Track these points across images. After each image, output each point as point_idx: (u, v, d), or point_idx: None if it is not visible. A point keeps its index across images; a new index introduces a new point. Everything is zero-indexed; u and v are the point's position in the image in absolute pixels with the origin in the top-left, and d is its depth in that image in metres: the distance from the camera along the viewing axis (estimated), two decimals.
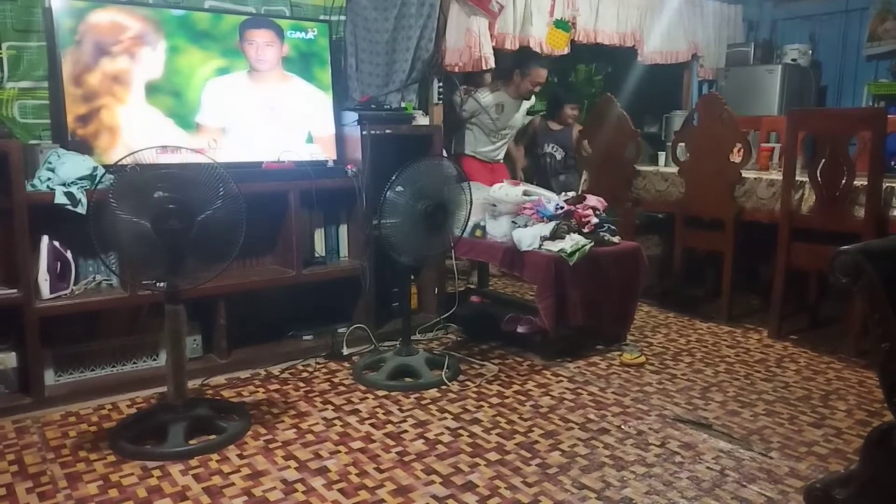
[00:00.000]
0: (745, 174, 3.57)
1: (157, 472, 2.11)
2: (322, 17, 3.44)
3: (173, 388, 2.32)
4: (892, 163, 3.41)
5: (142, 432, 2.30)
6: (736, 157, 3.60)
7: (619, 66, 5.86)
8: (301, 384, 2.84)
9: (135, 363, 2.84)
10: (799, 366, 3.05)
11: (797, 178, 3.29)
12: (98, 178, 2.53)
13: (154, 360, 2.86)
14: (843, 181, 3.08)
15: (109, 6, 2.79)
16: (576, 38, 4.77)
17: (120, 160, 2.15)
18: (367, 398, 2.70)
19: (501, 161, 4.69)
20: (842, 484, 1.83)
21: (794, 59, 5.55)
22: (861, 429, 2.35)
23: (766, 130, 4.34)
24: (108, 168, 2.56)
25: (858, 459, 1.74)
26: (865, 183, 3.02)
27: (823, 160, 3.15)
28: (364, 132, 3.23)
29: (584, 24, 4.79)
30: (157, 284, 2.32)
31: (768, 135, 4.28)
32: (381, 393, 2.74)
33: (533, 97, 4.71)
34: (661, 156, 4.50)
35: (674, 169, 3.91)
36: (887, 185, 3.04)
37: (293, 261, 3.12)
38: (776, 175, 3.47)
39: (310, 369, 3.01)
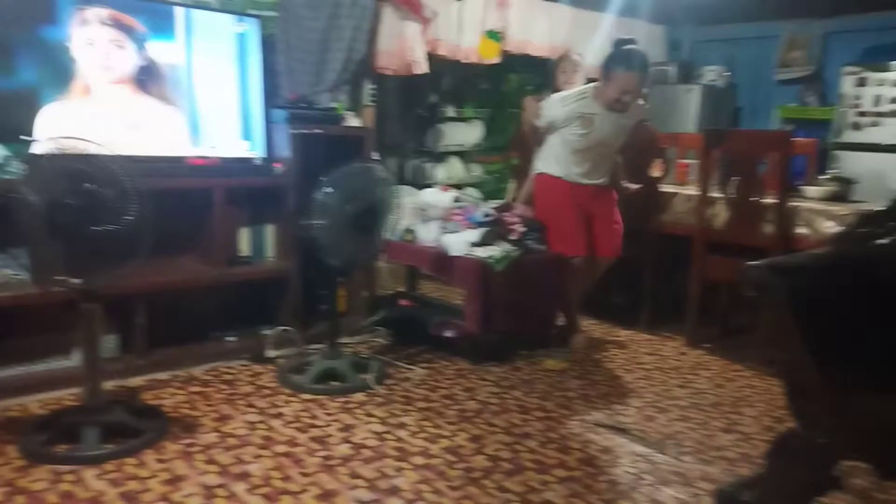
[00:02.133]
0: (664, 188, 3.73)
1: (69, 477, 2.01)
2: (253, 12, 3.37)
3: (88, 390, 2.23)
4: (798, 183, 3.64)
5: (53, 435, 2.20)
6: (655, 172, 3.75)
7: (549, 77, 5.99)
8: (224, 387, 2.77)
9: (46, 363, 2.69)
10: (712, 373, 3.21)
11: (712, 194, 3.46)
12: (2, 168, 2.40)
13: (67, 359, 2.72)
14: (753, 199, 3.27)
15: None
16: (507, 49, 4.86)
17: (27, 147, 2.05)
18: (292, 401, 2.66)
19: (603, 183, 3.41)
20: (748, 486, 1.94)
21: (711, 80, 5.84)
22: (768, 434, 2.49)
23: (684, 147, 4.54)
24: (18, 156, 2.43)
25: (763, 463, 1.86)
26: (774, 201, 3.22)
27: (736, 178, 3.33)
28: (293, 131, 3.19)
29: (515, 35, 4.88)
30: (72, 281, 2.22)
31: (686, 151, 4.48)
32: (306, 396, 2.70)
33: (641, 111, 3.42)
34: None
35: None
36: (793, 204, 3.24)
37: (217, 260, 3.05)
38: (692, 190, 3.64)
39: (233, 371, 2.94)
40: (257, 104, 3.27)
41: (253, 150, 3.26)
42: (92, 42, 2.77)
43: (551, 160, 3.34)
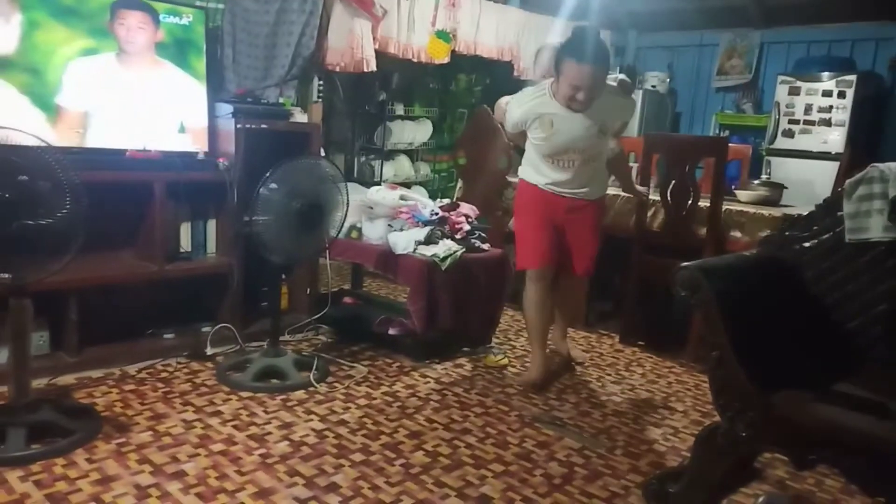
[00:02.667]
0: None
1: None
2: (198, 4, 3.31)
3: (14, 388, 2.16)
4: (732, 187, 3.78)
5: None
6: None
7: (497, 78, 6.07)
8: (160, 385, 2.72)
9: None
10: (645, 370, 3.32)
11: (651, 196, 3.57)
12: None
13: None
14: (689, 202, 3.38)
15: None
16: (456, 49, 4.90)
17: None
18: (230, 400, 2.63)
19: (585, 195, 2.95)
20: (674, 479, 2.02)
21: (653, 86, 6.02)
22: (695, 428, 2.59)
23: (627, 150, 4.66)
24: None
25: (689, 456, 1.93)
26: (708, 205, 3.34)
27: (673, 181, 3.45)
28: (238, 125, 3.15)
29: (464, 36, 4.93)
30: (1, 276, 2.14)
31: (628, 155, 4.60)
32: (245, 394, 2.68)
33: (620, 109, 2.99)
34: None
35: None
36: (726, 207, 3.37)
37: (156, 255, 2.99)
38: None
39: (170, 369, 2.89)
40: (203, 97, 3.22)
41: (196, 143, 3.21)
42: None
43: (528, 165, 3.02)
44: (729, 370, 1.85)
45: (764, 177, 4.34)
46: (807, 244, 2.17)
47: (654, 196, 3.57)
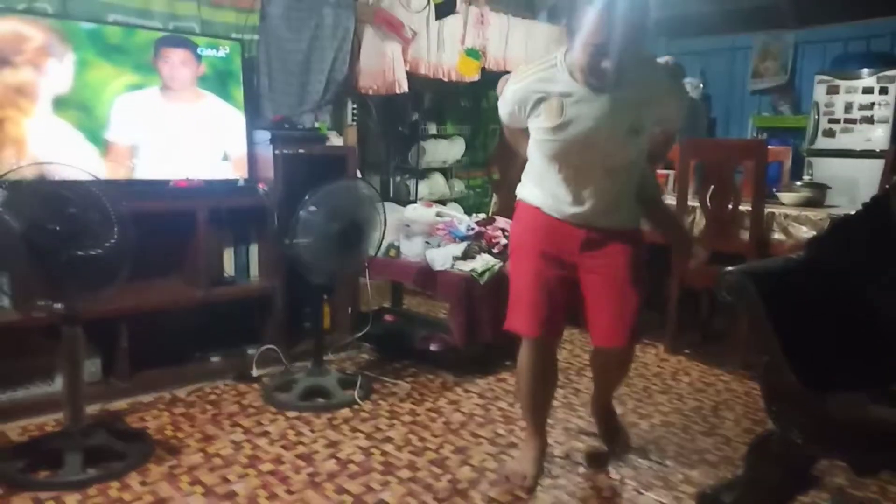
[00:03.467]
0: None
1: (50, 503, 2.00)
2: (234, 36, 3.41)
3: (70, 414, 2.22)
4: (774, 189, 3.71)
5: (34, 461, 2.18)
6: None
7: None
8: (208, 407, 2.77)
9: (27, 388, 2.68)
10: (692, 378, 3.25)
11: (690, 202, 3.52)
12: None
13: (49, 384, 2.71)
14: (730, 206, 3.33)
15: (9, 15, 2.69)
16: (486, 66, 4.93)
17: (6, 172, 2.07)
18: (277, 419, 2.66)
19: (611, 225, 2.06)
20: (729, 489, 1.97)
21: (687, 93, 5.95)
22: (747, 437, 2.52)
23: None
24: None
25: (743, 465, 1.89)
26: (750, 208, 3.28)
27: (712, 186, 3.40)
28: (276, 151, 3.22)
29: (494, 52, 4.96)
30: (54, 305, 2.22)
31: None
32: (292, 414, 2.71)
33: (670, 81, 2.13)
34: None
35: None
36: (768, 210, 3.30)
37: (201, 281, 3.06)
38: (670, 200, 3.69)
39: (217, 392, 2.94)
40: (241, 126, 3.30)
41: (237, 171, 3.29)
42: None
43: (528, 177, 2.16)
44: (780, 375, 1.80)
45: (806, 178, 4.25)
46: (855, 244, 2.11)
47: (694, 202, 3.52)
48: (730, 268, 1.86)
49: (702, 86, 6.01)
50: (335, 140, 3.67)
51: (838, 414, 1.74)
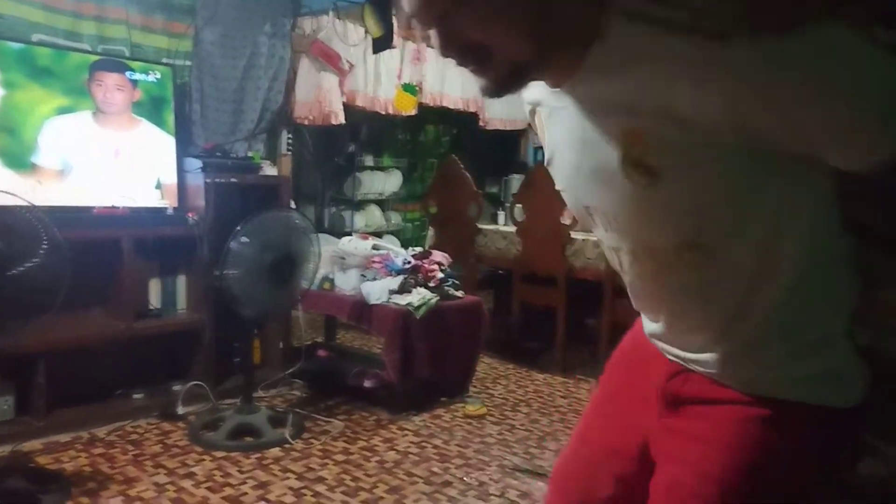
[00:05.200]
0: (574, 235, 3.88)
1: None
2: (166, 61, 3.34)
3: None
4: None
5: None
6: (567, 219, 3.90)
7: (463, 128, 6.18)
8: (130, 447, 2.63)
9: None
10: None
11: None
12: None
13: None
14: None
15: None
16: (423, 101, 4.99)
17: None
18: (203, 460, 2.55)
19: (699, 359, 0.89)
20: None
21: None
22: None
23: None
24: None
25: None
26: None
27: None
28: (208, 179, 3.15)
29: (430, 88, 5.02)
30: None
31: None
32: (219, 454, 2.60)
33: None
34: (501, 215, 4.77)
35: (512, 228, 4.16)
36: None
37: (125, 313, 2.93)
38: None
39: (140, 430, 2.80)
40: (170, 152, 3.21)
41: (165, 199, 3.19)
42: None
43: None
44: None
45: None
46: None
47: None
48: None
49: None
50: (269, 170, 3.62)
51: None
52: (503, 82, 0.77)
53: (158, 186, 3.16)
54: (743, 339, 0.83)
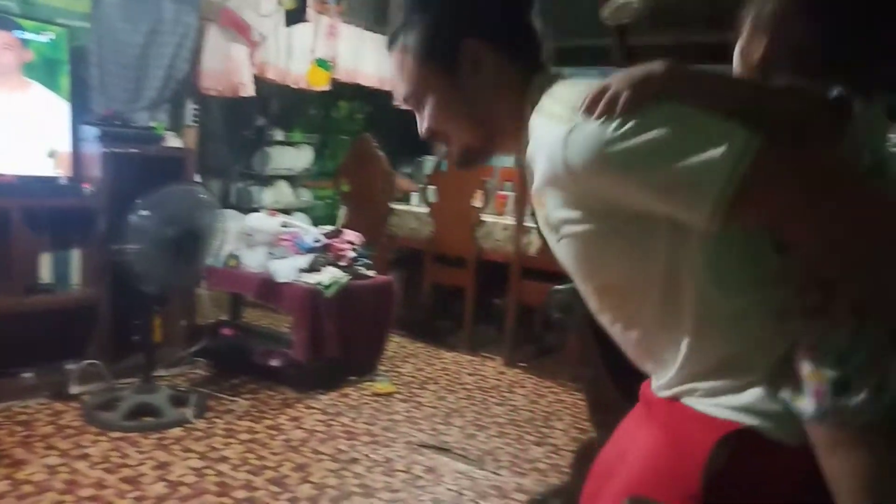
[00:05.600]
0: (484, 217, 3.96)
1: None
2: (61, 21, 3.13)
3: None
4: None
5: None
6: (477, 202, 3.97)
7: (378, 106, 6.12)
8: (18, 428, 2.50)
9: None
10: (527, 390, 3.43)
11: (527, 223, 3.73)
12: None
13: None
14: None
15: None
16: (336, 77, 4.92)
17: None
18: (99, 441, 2.46)
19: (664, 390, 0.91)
20: (557, 494, 2.11)
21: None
22: (574, 445, 2.71)
23: (503, 180, 4.85)
24: None
25: (570, 472, 2.03)
26: None
27: None
28: (106, 149, 2.99)
29: (344, 64, 4.95)
30: None
31: (504, 183, 4.79)
32: (116, 434, 2.51)
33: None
34: (414, 196, 4.78)
35: (425, 209, 4.19)
36: None
37: (12, 288, 2.76)
38: (510, 220, 3.89)
39: (29, 411, 2.66)
40: (64, 119, 3.03)
41: (60, 168, 3.01)
42: None
43: None
44: (602, 387, 1.97)
45: None
46: None
47: (530, 223, 3.73)
48: (559, 286, 2.01)
49: None
50: (172, 141, 3.48)
51: None
52: (461, 158, 1.01)
53: (52, 155, 2.98)
54: (675, 369, 0.87)
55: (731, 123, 0.74)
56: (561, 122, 0.80)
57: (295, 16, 4.44)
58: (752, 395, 0.81)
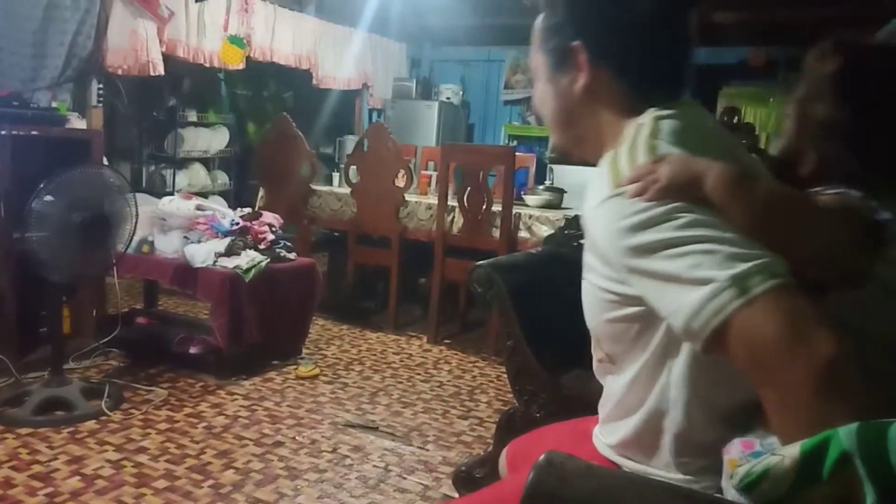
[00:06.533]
0: (407, 197, 3.96)
1: None
2: None
3: None
4: (521, 192, 4.10)
5: None
6: (400, 182, 3.97)
7: (300, 86, 6.01)
8: None
9: None
10: (451, 366, 3.48)
11: (449, 203, 3.76)
12: None
13: None
14: (483, 207, 3.62)
15: None
16: (252, 55, 4.79)
17: None
18: (6, 438, 2.34)
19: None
20: (481, 464, 2.16)
21: (448, 98, 6.32)
22: (497, 416, 2.77)
23: (425, 159, 4.86)
24: None
25: (493, 441, 2.08)
26: (500, 209, 3.59)
27: (469, 188, 3.66)
28: (3, 131, 2.82)
29: (259, 42, 4.83)
30: None
31: (427, 163, 4.80)
32: (24, 431, 2.40)
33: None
34: (336, 177, 4.73)
35: (347, 190, 4.15)
36: (516, 211, 3.65)
37: None
38: (433, 199, 3.91)
39: None
40: None
41: None
42: None
43: None
44: (523, 357, 2.02)
45: (547, 182, 4.75)
46: (582, 240, 2.42)
47: (453, 202, 3.76)
48: (481, 262, 2.04)
49: (461, 93, 6.44)
50: (77, 122, 3.33)
51: (568, 389, 2.00)
52: (552, 149, 1.12)
53: None
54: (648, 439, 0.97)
55: (744, 261, 0.73)
56: (610, 182, 0.84)
57: None
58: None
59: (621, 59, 0.93)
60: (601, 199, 0.84)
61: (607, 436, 1.04)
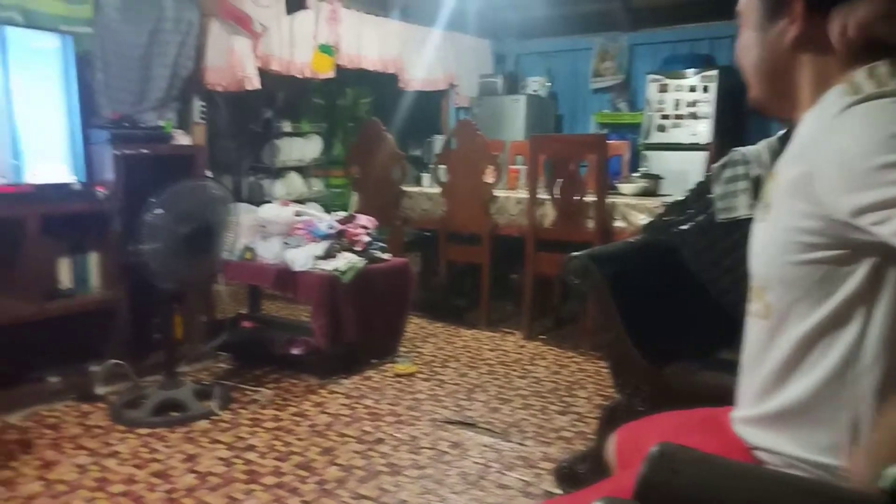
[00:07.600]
0: (496, 193, 3.93)
1: None
2: (64, 28, 3.14)
3: None
4: (614, 181, 3.97)
5: None
6: (489, 178, 3.94)
7: (384, 91, 6.10)
8: (47, 431, 2.54)
9: None
10: (548, 362, 3.42)
11: (539, 196, 3.69)
12: None
13: None
14: (576, 197, 3.53)
15: None
16: (340, 63, 4.90)
17: None
18: (127, 438, 2.49)
19: None
20: (583, 460, 2.10)
21: (535, 90, 6.23)
22: (598, 411, 2.69)
23: (514, 154, 4.81)
24: None
25: (594, 437, 2.01)
26: (594, 199, 3.49)
27: (560, 180, 3.59)
28: (116, 152, 3.01)
29: (347, 49, 4.93)
30: None
31: (515, 157, 4.75)
32: (143, 431, 2.55)
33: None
34: (425, 177, 4.76)
35: (436, 189, 4.17)
36: (610, 200, 3.54)
37: (32, 295, 2.79)
38: (523, 193, 3.86)
39: (57, 414, 2.70)
40: (74, 125, 3.04)
41: (71, 173, 3.03)
42: None
43: None
44: (624, 350, 1.95)
45: (642, 169, 4.59)
46: (684, 227, 2.31)
47: (544, 195, 3.70)
48: (575, 253, 1.98)
49: (549, 84, 6.33)
50: (182, 139, 3.49)
51: (674, 381, 1.90)
52: (751, 103, 1.00)
53: (58, 161, 3.00)
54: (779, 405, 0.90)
55: None
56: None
57: (295, 3, 4.43)
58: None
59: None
60: (843, 106, 0.76)
61: (754, 405, 0.93)
